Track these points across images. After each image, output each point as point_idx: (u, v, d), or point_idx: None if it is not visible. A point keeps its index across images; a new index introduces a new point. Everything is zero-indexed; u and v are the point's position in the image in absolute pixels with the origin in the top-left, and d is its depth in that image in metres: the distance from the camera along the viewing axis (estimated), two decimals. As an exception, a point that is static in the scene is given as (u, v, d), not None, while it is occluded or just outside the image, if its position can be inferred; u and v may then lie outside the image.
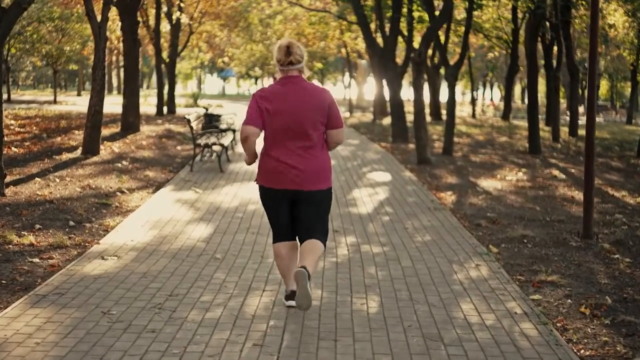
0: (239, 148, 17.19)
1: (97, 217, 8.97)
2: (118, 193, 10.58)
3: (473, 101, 40.48)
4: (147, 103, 37.43)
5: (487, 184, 12.90)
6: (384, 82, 36.59)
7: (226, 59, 54.21)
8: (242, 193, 10.93)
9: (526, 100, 67.54)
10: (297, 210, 5.52)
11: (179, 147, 16.65)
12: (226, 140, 13.97)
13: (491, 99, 72.94)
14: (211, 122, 15.14)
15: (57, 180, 11.43)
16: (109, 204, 9.74)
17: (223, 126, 15.49)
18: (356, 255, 7.39)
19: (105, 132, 18.74)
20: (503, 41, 33.21)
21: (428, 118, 33.53)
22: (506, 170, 14.87)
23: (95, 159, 14.01)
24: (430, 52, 30.75)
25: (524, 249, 7.94)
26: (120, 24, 19.28)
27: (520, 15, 32.42)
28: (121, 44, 47.36)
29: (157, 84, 27.36)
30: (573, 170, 15.50)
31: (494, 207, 10.49)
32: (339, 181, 12.34)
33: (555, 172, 14.89)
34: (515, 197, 11.61)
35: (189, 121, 12.86)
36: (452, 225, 8.98)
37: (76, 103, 38.61)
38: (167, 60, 30.06)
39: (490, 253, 7.64)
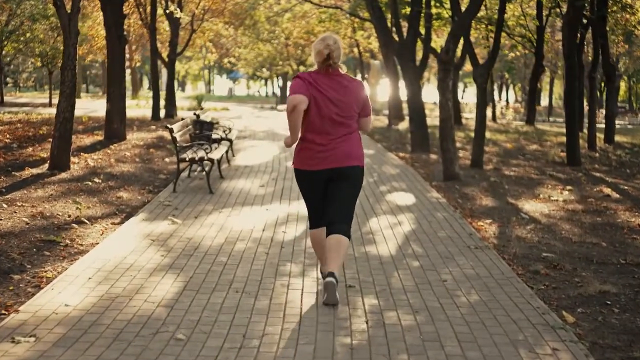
0: (237, 160, 15.02)
1: (35, 262, 6.81)
2: (75, 225, 8.41)
3: (493, 103, 38.18)
4: (148, 105, 35.12)
5: (530, 207, 10.68)
6: (401, 83, 34.39)
7: (232, 60, 51.95)
8: (232, 224, 8.74)
9: (542, 103, 65.30)
10: (331, 188, 5.79)
11: (167, 160, 14.46)
12: (218, 153, 11.80)
13: (507, 101, 70.63)
14: (202, 130, 12.93)
15: (5, 205, 9.27)
16: (57, 242, 7.57)
17: (216, 136, 13.31)
18: (378, 331, 5.18)
19: (87, 140, 16.62)
20: (526, 40, 30.90)
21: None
22: (548, 188, 12.64)
23: (63, 175, 11.85)
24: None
25: (609, 317, 5.73)
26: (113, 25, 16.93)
27: (545, 12, 30.25)
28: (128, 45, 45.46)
29: (153, 85, 25.14)
30: (625, 187, 13.26)
31: (549, 243, 8.28)
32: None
33: (607, 190, 12.64)
34: (569, 226, 9.39)
35: (171, 131, 10.70)
36: (502, 275, 6.76)
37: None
38: (167, 60, 27.91)
39: (567, 326, 5.42)
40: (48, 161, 12.45)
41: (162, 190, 10.99)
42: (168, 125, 10.78)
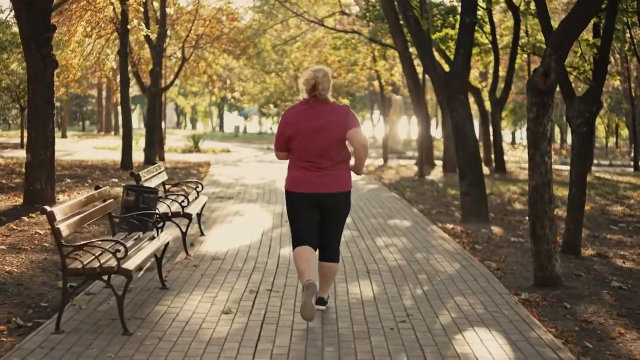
0: (206, 243, 9.96)
1: None
2: None
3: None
4: (138, 147, 29.50)
5: None
6: (438, 123, 29.30)
7: (237, 95, 46.93)
8: None
9: (568, 140, 60.06)
10: (323, 219, 6.10)
11: (98, 243, 9.42)
12: (151, 248, 6.80)
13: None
14: (138, 204, 7.88)
15: None
16: None
17: (166, 209, 8.31)
18: None
19: (2, 204, 11.63)
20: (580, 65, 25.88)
21: (485, 170, 26.15)
22: None
23: None
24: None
25: None
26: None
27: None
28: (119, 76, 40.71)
29: (123, 124, 20.19)
30: None
31: None
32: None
33: None
34: None
35: (51, 217, 5.73)
36: None
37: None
38: (148, 92, 23.07)
39: None
40: None
41: (41, 325, 5.97)
42: (47, 207, 5.79)
